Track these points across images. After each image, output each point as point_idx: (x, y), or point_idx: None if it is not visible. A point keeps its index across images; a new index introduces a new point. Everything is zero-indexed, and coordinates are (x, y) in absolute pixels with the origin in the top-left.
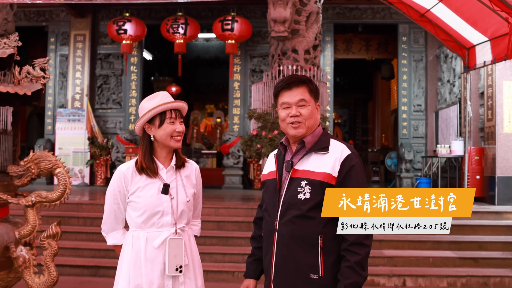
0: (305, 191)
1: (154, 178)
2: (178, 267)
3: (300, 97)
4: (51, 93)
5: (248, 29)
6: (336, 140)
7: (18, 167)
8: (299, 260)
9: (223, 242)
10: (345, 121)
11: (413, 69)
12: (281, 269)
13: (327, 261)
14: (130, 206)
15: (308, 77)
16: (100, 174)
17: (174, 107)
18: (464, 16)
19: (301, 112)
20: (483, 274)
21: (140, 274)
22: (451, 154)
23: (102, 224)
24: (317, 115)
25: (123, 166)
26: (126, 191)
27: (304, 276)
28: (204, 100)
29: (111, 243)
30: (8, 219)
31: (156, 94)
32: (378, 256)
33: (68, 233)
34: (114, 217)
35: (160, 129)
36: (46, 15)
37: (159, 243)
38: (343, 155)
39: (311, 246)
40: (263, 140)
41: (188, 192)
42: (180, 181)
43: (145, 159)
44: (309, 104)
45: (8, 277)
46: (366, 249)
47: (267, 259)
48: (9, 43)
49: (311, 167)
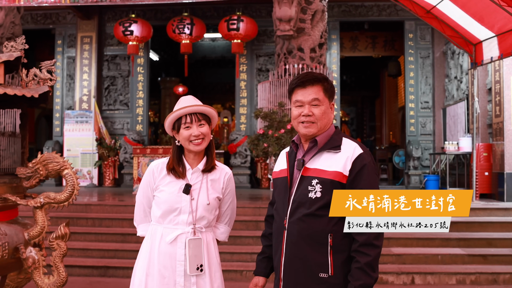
0: (316, 189)
1: (180, 178)
2: (198, 266)
3: (314, 96)
4: (58, 95)
5: (253, 28)
6: (348, 138)
7: (26, 169)
8: (308, 259)
9: (231, 241)
10: (352, 119)
11: (420, 66)
12: (290, 268)
13: (337, 259)
14: (154, 201)
15: (324, 75)
16: (108, 175)
17: (188, 111)
18: (470, 12)
19: (314, 112)
20: (492, 271)
21: (153, 267)
22: (459, 150)
23: (134, 215)
24: (330, 115)
25: (154, 162)
26: (153, 185)
27: (314, 275)
28: (211, 100)
29: (140, 233)
30: (17, 220)
31: (180, 99)
32: (387, 254)
33: (77, 234)
34: (143, 210)
35: (179, 135)
36: (53, 18)
37: (171, 239)
38: (355, 154)
39: (321, 245)
40: (269, 139)
41: (211, 196)
42: (204, 183)
43: (174, 161)
44: (323, 104)
45: (18, 278)
46: (376, 250)
47: (276, 258)
48: (16, 46)
49: (322, 165)
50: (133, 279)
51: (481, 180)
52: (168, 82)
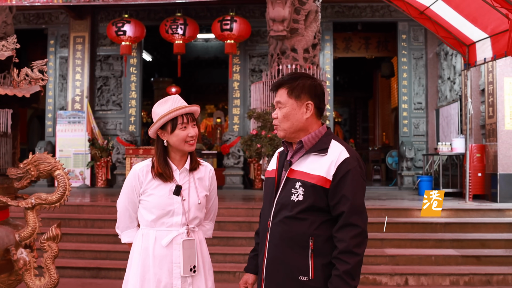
0: (299, 192)
1: (168, 180)
2: (192, 267)
3: (277, 98)
4: (51, 95)
5: (247, 28)
6: (337, 141)
7: (17, 169)
8: (289, 261)
9: (224, 242)
10: (345, 119)
11: (413, 67)
12: (272, 270)
13: (317, 263)
14: (142, 205)
15: (294, 75)
16: (101, 176)
17: (185, 111)
18: (464, 13)
19: (278, 115)
20: (486, 272)
21: (148, 271)
22: (452, 151)
23: (117, 222)
24: (298, 116)
25: (137, 166)
26: (139, 190)
27: (294, 278)
28: (204, 100)
29: (126, 241)
30: (8, 221)
31: (168, 98)
32: (380, 255)
33: (69, 235)
34: (128, 216)
35: (173, 135)
36: (46, 18)
37: (167, 242)
38: (340, 159)
39: (302, 248)
40: (263, 140)
41: (200, 194)
42: (192, 183)
43: (160, 164)
44: (285, 106)
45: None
46: (356, 258)
47: (260, 258)
48: (8, 45)
49: (307, 168)
50: (125, 285)
51: (474, 181)
52: (161, 83)
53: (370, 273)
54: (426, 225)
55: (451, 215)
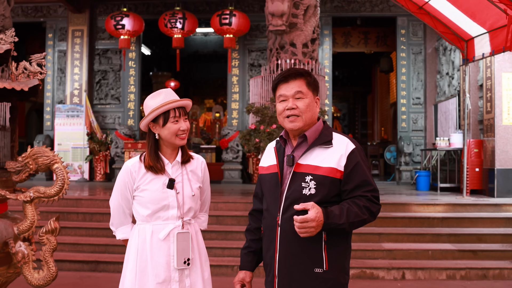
0: (310, 186)
1: (160, 174)
2: (186, 260)
3: (297, 89)
4: (49, 89)
5: (246, 23)
6: (337, 133)
7: (16, 162)
8: (303, 255)
9: (222, 236)
10: (344, 114)
11: (412, 62)
12: (285, 264)
13: (331, 254)
14: (136, 201)
15: (306, 70)
16: (99, 170)
17: (178, 105)
18: (463, 8)
19: (298, 105)
20: (482, 266)
21: (146, 266)
22: (450, 147)
23: (111, 219)
24: (315, 109)
25: (129, 161)
26: (132, 186)
27: (309, 270)
28: (202, 94)
29: (121, 237)
30: (6, 214)
31: (160, 92)
32: (377, 249)
33: (67, 229)
34: (122, 212)
35: (164, 128)
36: (44, 11)
37: (164, 235)
38: (348, 149)
39: (315, 240)
40: (261, 134)
41: (194, 187)
42: (185, 175)
43: (151, 157)
44: (306, 97)
45: (8, 272)
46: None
47: (269, 254)
48: (6, 38)
49: (315, 161)
50: (123, 280)
51: (471, 176)
52: (160, 77)
53: (367, 267)
54: (424, 219)
55: (448, 210)
